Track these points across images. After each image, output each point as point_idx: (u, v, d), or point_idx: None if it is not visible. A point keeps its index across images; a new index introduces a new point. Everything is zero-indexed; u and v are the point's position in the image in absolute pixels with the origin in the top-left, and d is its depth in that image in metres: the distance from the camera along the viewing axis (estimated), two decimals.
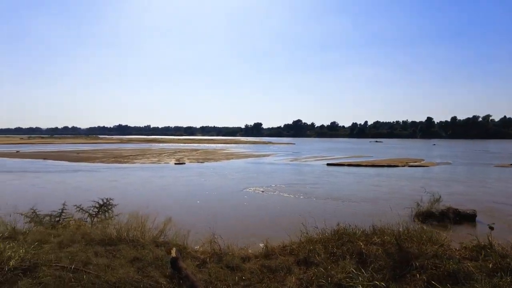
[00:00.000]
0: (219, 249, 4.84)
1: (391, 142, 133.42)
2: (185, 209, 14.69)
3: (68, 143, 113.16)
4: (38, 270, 3.67)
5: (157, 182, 23.51)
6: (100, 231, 5.29)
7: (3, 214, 7.27)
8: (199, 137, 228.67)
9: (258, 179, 25.15)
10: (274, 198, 17.25)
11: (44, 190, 20.16)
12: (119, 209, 8.74)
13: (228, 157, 52.03)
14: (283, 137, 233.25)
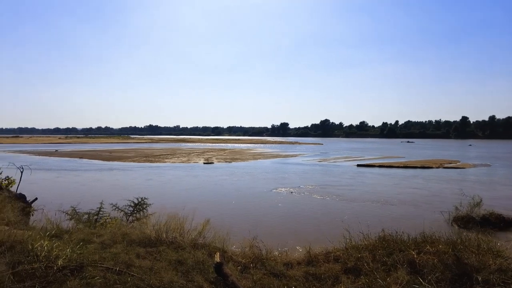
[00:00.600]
0: (259, 254, 4.66)
1: (423, 143, 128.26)
2: (221, 210, 14.66)
3: (101, 142, 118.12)
4: (84, 271, 3.66)
5: (191, 182, 23.81)
6: (139, 231, 5.28)
7: (48, 211, 7.52)
8: (226, 137, 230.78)
9: (288, 179, 24.84)
10: (307, 200, 16.87)
11: (85, 188, 20.91)
12: (156, 208, 8.79)
13: (255, 157, 52.04)
14: (310, 137, 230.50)
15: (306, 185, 21.94)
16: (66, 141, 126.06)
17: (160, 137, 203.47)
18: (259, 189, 20.48)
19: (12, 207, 6.91)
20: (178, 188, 20.92)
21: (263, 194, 18.59)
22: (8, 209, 6.61)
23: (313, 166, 37.35)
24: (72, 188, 21.19)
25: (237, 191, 19.76)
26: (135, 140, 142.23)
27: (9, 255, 3.93)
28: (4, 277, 3.41)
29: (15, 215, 6.53)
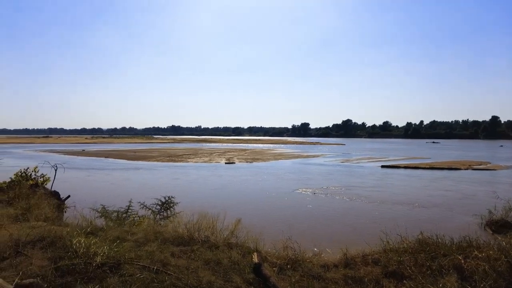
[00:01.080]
0: (294, 255, 4.53)
1: (450, 143, 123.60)
2: (249, 210, 14.54)
3: (126, 142, 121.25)
4: (121, 268, 3.66)
5: (216, 181, 23.92)
6: (172, 230, 5.28)
7: (80, 208, 7.68)
8: (247, 137, 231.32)
9: (312, 180, 24.51)
10: (335, 201, 16.48)
11: (114, 187, 21.38)
12: (184, 207, 8.82)
13: (276, 158, 51.79)
14: (331, 138, 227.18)
15: (331, 186, 21.57)
16: (92, 141, 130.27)
17: (182, 137, 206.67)
18: (284, 189, 20.28)
19: (48, 204, 7.10)
20: (205, 188, 21.05)
21: (289, 195, 18.36)
22: (45, 206, 6.80)
23: (336, 166, 36.72)
24: (102, 186, 21.74)
25: (263, 191, 19.64)
26: (158, 140, 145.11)
27: (50, 250, 4.00)
28: (48, 272, 3.46)
29: (51, 211, 6.70)
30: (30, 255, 3.90)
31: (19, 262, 3.70)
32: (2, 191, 8.67)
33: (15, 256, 3.88)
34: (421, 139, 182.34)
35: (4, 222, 5.56)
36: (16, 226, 5.67)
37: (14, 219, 6.15)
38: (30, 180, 9.38)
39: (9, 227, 5.47)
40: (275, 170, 31.59)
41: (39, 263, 3.70)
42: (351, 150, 74.83)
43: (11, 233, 4.77)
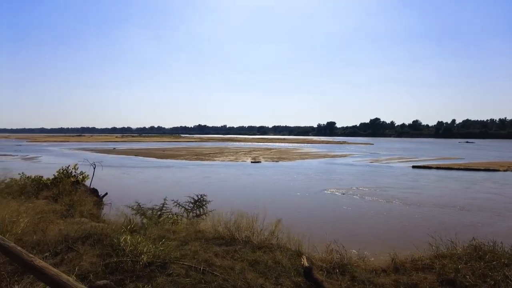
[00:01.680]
0: (339, 258, 4.35)
1: (485, 143, 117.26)
2: (284, 210, 14.25)
3: (154, 141, 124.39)
4: (167, 268, 3.64)
5: (247, 180, 23.98)
6: (212, 229, 5.24)
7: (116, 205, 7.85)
8: (272, 136, 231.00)
9: (344, 180, 23.91)
10: (372, 203, 15.93)
11: (148, 184, 21.81)
12: (217, 205, 8.81)
13: (302, 157, 51.22)
14: (359, 137, 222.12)
15: (361, 186, 20.99)
16: (122, 139, 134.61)
17: (208, 136, 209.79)
18: (314, 189, 19.93)
19: (89, 201, 7.29)
20: (236, 186, 21.12)
21: (319, 195, 18.04)
22: (86, 203, 6.99)
23: (365, 167, 35.77)
24: (136, 184, 22.25)
25: (293, 190, 19.40)
26: (185, 139, 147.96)
27: (98, 247, 4.06)
28: (98, 268, 3.50)
29: (92, 208, 6.88)
30: (81, 251, 3.98)
31: (71, 258, 3.77)
32: (47, 188, 9.04)
33: (67, 252, 3.97)
34: (453, 139, 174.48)
35: (52, 218, 5.75)
36: (63, 221, 5.86)
37: (61, 214, 6.36)
38: (71, 177, 9.74)
39: (57, 222, 5.66)
40: (302, 170, 31.21)
41: (89, 259, 3.76)
42: (379, 149, 72.79)
43: (60, 229, 4.92)
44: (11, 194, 7.13)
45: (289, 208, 14.92)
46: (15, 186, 7.99)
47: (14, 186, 8.11)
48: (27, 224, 4.82)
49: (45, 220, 5.39)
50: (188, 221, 9.65)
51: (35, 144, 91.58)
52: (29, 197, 7.30)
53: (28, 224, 4.87)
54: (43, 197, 7.92)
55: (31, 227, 4.79)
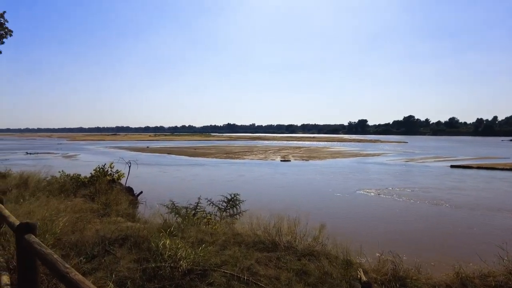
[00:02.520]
0: (395, 270, 3.90)
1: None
2: (321, 211, 13.68)
3: (185, 140, 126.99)
4: (208, 276, 3.40)
5: (282, 179, 23.56)
6: (251, 233, 4.97)
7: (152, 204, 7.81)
8: (300, 135, 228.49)
9: (384, 181, 22.85)
10: (418, 206, 14.91)
11: (184, 182, 21.99)
12: (252, 203, 8.54)
13: (333, 156, 50.03)
14: (392, 135, 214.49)
15: (403, 187, 19.90)
16: (155, 138, 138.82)
17: (237, 135, 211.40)
18: (353, 190, 19.06)
19: (125, 200, 7.29)
20: (271, 186, 20.79)
21: (361, 197, 17.22)
22: (122, 202, 6.97)
23: (401, 166, 34.23)
24: (172, 182, 22.43)
25: (332, 191, 18.74)
26: (215, 138, 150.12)
27: (135, 252, 3.91)
28: (136, 275, 3.33)
29: (128, 207, 6.85)
30: (118, 255, 3.85)
31: (108, 263, 3.64)
32: (84, 186, 9.23)
33: (103, 255, 3.86)
34: (495, 137, 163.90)
35: (89, 217, 5.75)
36: (100, 221, 5.84)
37: (97, 214, 6.38)
38: (107, 176, 9.91)
39: (94, 222, 5.64)
40: (335, 169, 30.36)
41: (127, 264, 3.60)
42: (414, 148, 69.70)
43: (97, 229, 4.86)
44: (52, 192, 7.29)
45: (329, 210, 14.30)
46: (56, 184, 8.20)
47: (54, 183, 8.32)
48: (66, 224, 4.80)
49: (83, 220, 5.37)
50: (221, 220, 9.53)
51: (74, 143, 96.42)
52: (68, 195, 7.43)
53: (66, 223, 4.85)
54: (80, 195, 8.05)
55: (70, 226, 4.77)
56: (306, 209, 12.87)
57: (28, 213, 5.01)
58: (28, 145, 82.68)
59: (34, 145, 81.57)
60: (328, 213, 13.56)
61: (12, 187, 7.21)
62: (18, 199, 6.30)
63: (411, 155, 51.97)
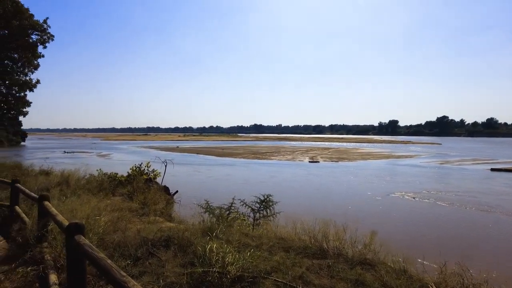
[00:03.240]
0: (461, 284, 3.47)
1: None
2: (369, 217, 12.98)
3: (213, 140, 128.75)
4: (258, 284, 3.18)
5: (316, 181, 23.10)
6: (296, 237, 4.73)
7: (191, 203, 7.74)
8: (328, 136, 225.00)
9: (420, 183, 21.80)
10: (470, 214, 13.77)
11: (218, 182, 22.02)
12: (288, 205, 8.27)
13: (363, 157, 48.68)
14: (424, 136, 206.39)
15: (446, 191, 18.68)
16: (184, 138, 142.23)
17: (264, 136, 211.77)
18: (393, 192, 18.24)
19: (162, 199, 7.27)
20: (307, 187, 20.31)
21: (403, 201, 16.32)
22: (160, 201, 6.95)
23: (435, 168, 32.64)
24: (204, 181, 22.52)
25: (372, 194, 18.02)
26: (242, 138, 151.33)
27: (180, 254, 3.78)
28: (182, 280, 3.19)
29: (165, 207, 6.82)
30: (162, 258, 3.74)
31: (153, 267, 3.52)
32: (121, 185, 9.37)
33: (147, 257, 3.76)
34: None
35: (128, 216, 5.75)
36: (139, 220, 5.82)
37: (136, 213, 6.39)
38: (144, 174, 10.03)
39: (133, 221, 5.62)
40: (368, 171, 29.37)
41: (172, 268, 3.46)
42: (449, 150, 66.51)
43: (138, 229, 4.80)
44: (91, 190, 7.43)
45: (372, 214, 13.57)
46: (94, 182, 8.37)
47: (93, 182, 8.50)
48: (107, 223, 4.79)
49: (123, 219, 5.37)
50: (254, 221, 9.35)
51: (107, 142, 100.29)
52: (106, 194, 7.55)
53: (108, 222, 4.84)
54: (119, 194, 8.16)
55: (111, 226, 4.75)
56: (348, 213, 12.34)
57: (71, 211, 5.05)
58: (65, 144, 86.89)
59: (71, 144, 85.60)
60: (372, 217, 12.89)
61: (55, 184, 7.42)
62: (60, 197, 6.43)
63: (446, 157, 49.60)
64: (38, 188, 7.05)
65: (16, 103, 33.38)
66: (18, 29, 29.63)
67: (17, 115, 36.33)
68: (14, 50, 31.01)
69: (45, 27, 31.68)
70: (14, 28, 29.32)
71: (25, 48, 30.87)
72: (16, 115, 36.43)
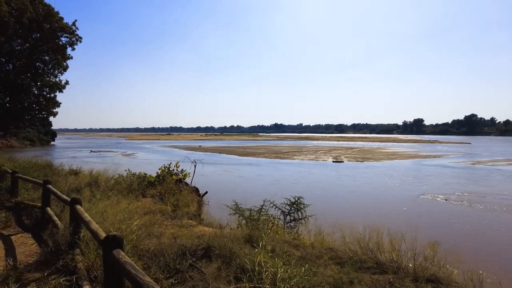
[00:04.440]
0: None
1: None
2: (418, 223, 11.86)
3: (234, 139, 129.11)
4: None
5: (350, 182, 22.23)
6: (345, 247, 4.26)
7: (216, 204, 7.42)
8: (351, 135, 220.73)
9: (458, 185, 20.87)
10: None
11: (248, 182, 21.65)
12: (322, 209, 7.79)
13: (389, 157, 47.13)
14: (451, 135, 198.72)
15: (496, 195, 17.53)
16: (206, 138, 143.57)
17: (284, 135, 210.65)
18: (433, 195, 17.36)
19: (193, 201, 6.99)
20: (341, 189, 19.60)
21: (448, 206, 15.20)
22: (190, 203, 6.67)
23: (467, 169, 31.02)
24: (233, 181, 22.25)
25: (413, 196, 17.17)
26: (263, 138, 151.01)
27: (224, 267, 3.42)
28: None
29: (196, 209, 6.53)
30: (204, 271, 3.39)
31: (196, 282, 3.18)
32: (151, 185, 9.18)
33: (188, 270, 3.42)
34: None
35: (160, 220, 5.47)
36: (171, 224, 5.54)
37: (168, 216, 6.12)
38: (173, 175, 9.81)
39: (166, 225, 5.34)
40: (397, 172, 28.23)
41: (217, 284, 3.12)
42: (479, 150, 63.38)
43: (173, 235, 4.50)
44: (121, 191, 7.26)
45: (420, 219, 12.61)
46: (123, 183, 8.22)
47: (122, 183, 8.36)
48: (140, 227, 4.52)
49: (155, 223, 5.10)
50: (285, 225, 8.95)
51: (132, 142, 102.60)
52: (136, 196, 7.36)
53: (140, 226, 4.58)
54: (148, 195, 7.95)
55: (144, 231, 4.47)
56: (393, 218, 11.53)
57: (101, 214, 4.83)
58: (92, 143, 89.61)
59: (97, 144, 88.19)
60: (420, 222, 11.96)
61: (85, 185, 7.32)
62: (91, 198, 6.28)
63: (477, 157, 47.27)
64: (69, 189, 6.96)
65: (47, 103, 34.50)
66: (49, 32, 30.59)
67: (47, 115, 37.57)
68: (45, 52, 32.09)
69: (73, 29, 32.51)
70: (46, 31, 30.29)
71: (55, 50, 31.86)
72: (46, 115, 37.69)
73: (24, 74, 32.64)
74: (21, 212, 6.18)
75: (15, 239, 4.83)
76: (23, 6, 27.86)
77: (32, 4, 29.04)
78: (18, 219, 5.90)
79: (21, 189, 7.45)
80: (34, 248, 4.50)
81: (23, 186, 7.56)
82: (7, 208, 6.45)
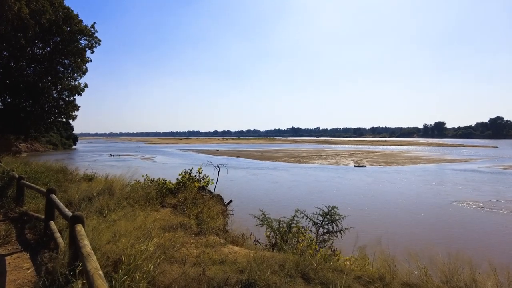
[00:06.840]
0: None
1: None
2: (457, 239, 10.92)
3: (251, 143, 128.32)
4: None
5: (390, 189, 20.84)
6: (429, 283, 3.23)
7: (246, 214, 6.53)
8: (371, 139, 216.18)
9: (499, 192, 19.34)
10: None
11: (282, 189, 20.49)
12: (363, 222, 6.72)
13: (413, 161, 45.10)
14: (475, 139, 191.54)
15: None
16: (223, 142, 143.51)
17: (302, 139, 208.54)
18: (479, 205, 16.01)
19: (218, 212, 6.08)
20: (380, 198, 18.15)
21: (501, 217, 13.89)
22: (216, 216, 5.76)
23: (499, 174, 28.97)
24: (267, 186, 21.48)
25: (461, 208, 15.72)
26: (280, 142, 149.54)
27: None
28: None
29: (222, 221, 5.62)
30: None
31: None
32: (171, 193, 8.35)
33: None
34: None
35: (182, 237, 4.54)
36: (194, 242, 4.62)
37: (190, 230, 5.21)
38: (195, 182, 8.95)
39: (188, 243, 4.42)
40: (427, 177, 26.60)
41: None
42: (509, 154, 60.12)
43: (200, 262, 3.57)
44: (137, 201, 6.44)
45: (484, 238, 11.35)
46: (140, 191, 7.42)
47: (139, 190, 7.57)
48: (157, 248, 3.63)
49: (176, 242, 4.19)
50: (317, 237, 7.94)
51: (151, 146, 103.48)
52: (154, 206, 6.52)
53: (158, 247, 3.69)
54: (168, 205, 7.09)
55: (164, 256, 3.56)
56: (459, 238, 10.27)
57: (112, 232, 3.96)
58: (112, 147, 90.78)
59: (117, 148, 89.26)
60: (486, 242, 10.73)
61: (97, 192, 6.54)
62: (102, 209, 5.45)
63: (506, 161, 44.64)
64: (80, 198, 6.17)
65: (66, 107, 34.61)
66: (69, 35, 30.65)
67: (67, 118, 37.78)
68: (65, 56, 32.17)
69: (92, 31, 32.47)
70: (65, 34, 30.35)
71: (74, 54, 31.91)
72: (66, 118, 37.92)
73: (45, 77, 32.84)
74: (24, 225, 5.41)
75: (9, 260, 4.01)
76: (43, 8, 27.96)
77: (52, 7, 29.13)
78: (20, 233, 5.12)
79: (28, 197, 6.75)
80: (29, 274, 3.66)
81: (30, 194, 6.86)
82: (11, 220, 5.71)
